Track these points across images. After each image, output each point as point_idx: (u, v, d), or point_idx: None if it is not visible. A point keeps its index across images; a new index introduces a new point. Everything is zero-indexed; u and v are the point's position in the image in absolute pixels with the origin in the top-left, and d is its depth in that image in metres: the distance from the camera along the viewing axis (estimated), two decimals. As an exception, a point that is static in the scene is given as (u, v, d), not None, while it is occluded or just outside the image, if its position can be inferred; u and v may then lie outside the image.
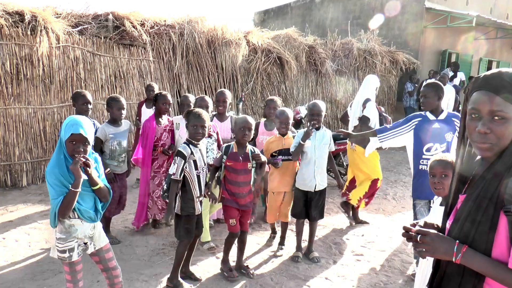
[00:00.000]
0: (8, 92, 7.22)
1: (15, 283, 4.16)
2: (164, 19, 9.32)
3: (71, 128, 2.76)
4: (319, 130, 4.76)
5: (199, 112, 3.97)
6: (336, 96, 12.53)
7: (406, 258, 5.07)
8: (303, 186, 4.78)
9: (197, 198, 4.04)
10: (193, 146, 3.98)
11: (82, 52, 8.02)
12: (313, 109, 4.70)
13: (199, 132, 3.93)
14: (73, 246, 2.96)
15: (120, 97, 5.10)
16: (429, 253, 1.65)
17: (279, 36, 11.36)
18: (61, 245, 2.93)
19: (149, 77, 8.97)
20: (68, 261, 2.96)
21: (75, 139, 2.77)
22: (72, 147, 2.79)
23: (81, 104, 4.93)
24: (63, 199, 2.77)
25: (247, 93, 10.34)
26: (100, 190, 2.98)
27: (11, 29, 7.11)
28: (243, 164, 4.21)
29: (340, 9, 16.82)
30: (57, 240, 2.94)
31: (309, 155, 4.71)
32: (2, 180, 7.25)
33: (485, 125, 1.53)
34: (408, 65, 13.78)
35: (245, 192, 4.28)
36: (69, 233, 2.94)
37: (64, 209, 2.79)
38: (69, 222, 2.93)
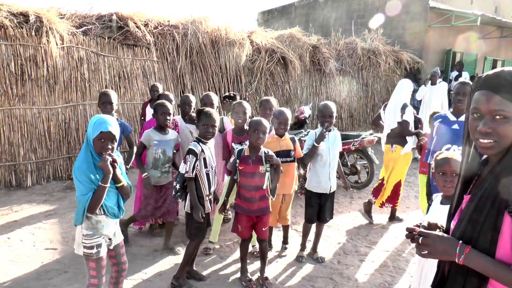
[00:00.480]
0: (13, 92, 7.25)
1: (20, 283, 4.17)
2: (168, 20, 9.33)
3: (100, 126, 2.87)
4: (331, 131, 4.73)
5: (210, 111, 4.02)
6: (340, 96, 12.51)
7: (410, 258, 5.05)
8: (318, 189, 4.72)
9: (206, 196, 4.05)
10: (203, 144, 4.03)
11: (86, 53, 8.04)
12: (325, 110, 4.63)
13: (209, 131, 4.00)
14: (101, 242, 3.05)
15: (166, 102, 4.84)
16: (431, 254, 1.64)
17: (283, 36, 11.35)
18: (88, 241, 3.00)
19: (153, 77, 8.98)
20: (95, 257, 3.03)
21: (103, 137, 2.87)
22: (101, 145, 2.89)
23: (101, 104, 4.86)
24: (93, 195, 2.86)
25: (251, 93, 10.34)
26: (123, 187, 3.08)
27: (15, 30, 7.15)
28: (253, 167, 4.05)
29: (344, 9, 16.80)
30: (84, 236, 3.00)
31: (324, 157, 4.66)
32: (7, 180, 7.27)
33: (486, 125, 1.53)
34: (412, 64, 13.75)
35: (257, 196, 4.07)
36: (96, 229, 3.02)
37: (94, 204, 2.88)
38: (96, 218, 3.01)
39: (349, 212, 6.61)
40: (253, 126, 4.04)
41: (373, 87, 13.31)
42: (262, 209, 4.14)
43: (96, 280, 3.12)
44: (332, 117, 4.63)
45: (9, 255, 4.78)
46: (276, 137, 4.68)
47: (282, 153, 4.58)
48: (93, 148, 2.91)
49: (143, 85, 8.85)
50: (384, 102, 13.67)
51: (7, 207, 6.33)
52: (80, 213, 2.91)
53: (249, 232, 4.27)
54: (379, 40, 13.46)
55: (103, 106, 4.83)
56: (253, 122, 4.09)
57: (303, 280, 4.44)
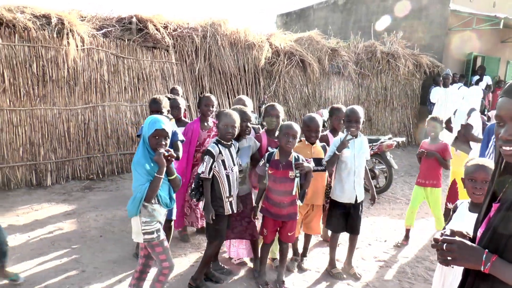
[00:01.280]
0: (35, 93, 7.37)
1: (38, 281, 4.23)
2: (187, 22, 9.37)
3: (155, 125, 3.22)
4: (357, 137, 4.45)
5: (229, 112, 4.00)
6: (358, 99, 12.42)
7: (429, 265, 4.97)
8: (343, 198, 4.46)
9: (226, 198, 4.00)
10: (222, 145, 3.97)
11: (106, 55, 8.12)
12: (351, 115, 4.42)
13: (229, 132, 3.93)
14: (158, 227, 3.35)
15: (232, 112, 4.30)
16: (455, 261, 1.61)
17: (302, 39, 11.31)
18: (148, 227, 3.28)
19: (172, 79, 9.03)
20: (157, 240, 3.30)
21: (158, 134, 3.22)
22: (155, 141, 3.22)
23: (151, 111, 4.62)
24: (150, 185, 3.19)
25: (269, 96, 10.32)
26: (175, 180, 3.42)
27: (38, 32, 7.26)
28: (283, 172, 4.00)
29: (363, 11, 16.68)
30: (143, 224, 3.28)
31: (349, 165, 4.42)
32: (28, 179, 7.39)
33: (507, 132, 1.51)
34: (432, 68, 13.58)
35: (286, 202, 4.02)
36: (153, 216, 3.31)
37: (151, 193, 3.20)
38: (152, 207, 3.29)
39: (367, 217, 6.54)
40: (283, 130, 4.01)
41: (392, 90, 13.17)
42: (291, 214, 4.10)
43: (167, 263, 3.37)
44: (359, 122, 4.41)
45: (29, 254, 4.85)
46: (307, 144, 4.52)
47: (312, 161, 4.38)
48: (149, 145, 3.26)
49: (162, 87, 8.89)
50: (402, 106, 13.72)
51: (28, 206, 6.43)
52: (136, 203, 3.21)
53: (274, 237, 4.25)
54: (399, 44, 13.33)
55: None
56: (283, 125, 4.07)
57: (320, 285, 4.41)
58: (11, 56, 7.09)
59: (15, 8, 7.27)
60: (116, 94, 8.32)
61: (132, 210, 3.26)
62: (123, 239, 5.39)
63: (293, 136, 3.97)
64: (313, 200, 4.56)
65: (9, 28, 7.07)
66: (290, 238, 4.25)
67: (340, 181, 4.46)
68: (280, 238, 4.28)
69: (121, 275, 4.42)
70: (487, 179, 2.70)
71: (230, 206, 4.06)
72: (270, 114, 4.61)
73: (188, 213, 5.14)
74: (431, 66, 13.50)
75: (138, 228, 3.30)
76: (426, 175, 5.37)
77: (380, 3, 16.00)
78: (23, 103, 7.30)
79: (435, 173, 5.33)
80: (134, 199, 3.22)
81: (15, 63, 7.14)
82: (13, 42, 7.10)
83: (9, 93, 7.15)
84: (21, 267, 4.52)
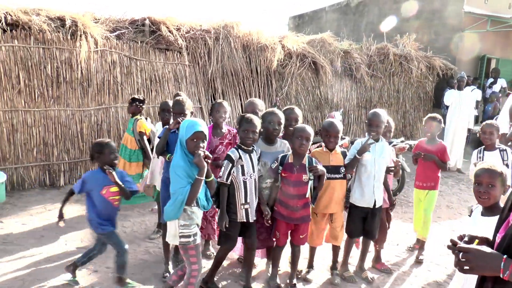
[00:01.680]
0: (49, 94, 7.47)
1: (52, 280, 4.28)
2: (200, 24, 9.39)
3: (193, 128, 3.27)
4: (379, 141, 4.37)
5: (250, 117, 3.93)
6: (370, 101, 12.35)
7: (443, 270, 4.93)
8: (361, 202, 4.36)
9: (241, 205, 3.92)
10: (243, 151, 3.92)
11: (119, 56, 8.18)
12: (373, 119, 4.31)
13: (250, 137, 3.87)
14: (196, 231, 3.40)
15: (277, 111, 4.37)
16: (472, 270, 1.58)
17: (314, 41, 11.27)
18: (186, 231, 3.34)
19: (184, 81, 9.05)
20: (193, 244, 3.36)
21: (196, 137, 3.26)
22: (194, 144, 3.26)
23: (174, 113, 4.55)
24: (191, 187, 3.24)
25: (281, 98, 10.31)
26: (212, 182, 3.47)
27: (52, 34, 7.34)
28: (297, 176, 3.97)
29: (376, 13, 16.59)
30: (181, 227, 3.32)
31: (369, 168, 4.31)
32: (41, 179, 7.49)
33: None
34: (445, 70, 13.47)
35: (299, 205, 4.00)
36: (192, 219, 3.36)
37: (192, 196, 3.25)
38: (191, 209, 3.35)
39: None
40: (297, 133, 4.00)
41: (404, 93, 13.09)
42: (304, 217, 4.09)
43: (196, 266, 3.43)
44: (380, 126, 4.29)
45: (42, 253, 4.91)
46: (325, 151, 4.34)
47: (331, 169, 4.24)
48: (186, 148, 3.30)
49: (174, 88, 8.92)
50: (415, 109, 13.61)
51: (41, 206, 6.51)
52: (177, 206, 3.26)
53: (286, 239, 4.21)
54: (412, 46, 13.23)
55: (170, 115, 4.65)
56: (297, 128, 4.06)
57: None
58: (26, 58, 7.20)
59: (31, 10, 7.39)
60: (129, 95, 8.33)
61: (172, 213, 3.31)
62: (134, 240, 5.43)
63: (306, 139, 3.94)
64: (331, 209, 4.37)
65: (24, 30, 7.16)
66: (302, 240, 4.23)
67: (360, 185, 4.37)
68: (292, 240, 4.25)
69: (132, 275, 4.44)
70: (492, 183, 2.68)
71: (246, 214, 3.95)
72: (290, 118, 4.49)
73: (204, 225, 4.72)
74: (444, 69, 13.39)
75: (175, 231, 3.34)
76: (424, 178, 5.16)
77: (392, 5, 15.91)
78: (37, 104, 7.39)
79: (433, 175, 5.13)
80: (175, 202, 3.27)
81: (30, 64, 7.24)
82: (29, 44, 7.20)
83: (24, 94, 7.25)
84: (34, 265, 4.57)
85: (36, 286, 4.20)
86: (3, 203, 6.56)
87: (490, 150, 4.96)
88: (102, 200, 3.91)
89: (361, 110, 12.15)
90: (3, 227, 5.70)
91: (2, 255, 4.83)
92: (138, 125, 5.99)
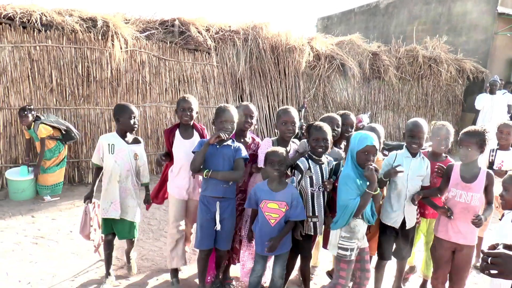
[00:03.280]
0: (79, 93, 7.61)
1: (80, 274, 4.38)
2: (229, 25, 9.42)
3: (365, 141, 3.30)
4: (415, 157, 3.80)
5: (320, 125, 3.72)
6: (398, 104, 12.21)
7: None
8: (388, 221, 3.87)
9: (309, 218, 3.71)
10: (313, 161, 3.71)
11: (148, 56, 8.28)
12: (414, 129, 3.76)
13: (321, 145, 3.65)
14: (354, 246, 3.38)
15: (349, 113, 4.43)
16: (502, 275, 1.55)
17: (343, 42, 11.19)
18: (345, 243, 3.35)
19: (212, 81, 9.10)
20: (348, 259, 3.37)
21: (368, 150, 3.28)
22: (364, 157, 3.29)
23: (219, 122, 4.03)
24: (361, 199, 3.26)
25: (309, 100, 10.27)
26: (377, 196, 3.38)
27: (84, 34, 7.48)
28: None
29: (405, 15, 16.39)
30: (341, 238, 3.36)
31: (399, 186, 3.78)
32: (71, 176, 7.67)
33: None
34: (475, 74, 13.20)
35: None
36: (353, 232, 3.36)
37: (361, 208, 3.27)
38: (355, 222, 3.35)
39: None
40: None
41: (433, 96, 12.89)
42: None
43: (344, 280, 3.42)
44: (422, 138, 3.75)
45: (71, 248, 5.05)
46: None
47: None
48: (356, 160, 3.33)
49: (202, 89, 8.99)
50: (443, 113, 13.36)
51: (70, 202, 6.67)
52: (346, 217, 3.29)
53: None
54: (441, 48, 13.01)
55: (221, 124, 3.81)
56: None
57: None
58: (59, 57, 7.37)
59: (64, 11, 7.55)
60: (157, 95, 8.46)
61: (340, 222, 3.35)
62: (160, 238, 5.50)
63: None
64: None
65: (58, 30, 7.32)
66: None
67: (389, 202, 3.88)
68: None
69: (157, 272, 4.52)
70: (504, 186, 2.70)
71: (315, 227, 3.75)
72: (346, 123, 4.28)
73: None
74: (475, 72, 13.12)
75: (335, 241, 3.40)
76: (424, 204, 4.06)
77: (422, 6, 15.69)
78: (68, 102, 7.55)
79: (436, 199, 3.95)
80: (344, 211, 3.30)
81: (62, 64, 7.41)
82: (61, 44, 7.36)
83: (55, 93, 7.43)
84: (64, 259, 4.66)
85: (65, 280, 4.30)
86: (34, 198, 6.74)
87: (504, 149, 4.87)
88: None
89: (388, 113, 12.02)
90: (34, 221, 5.84)
91: (34, 249, 4.96)
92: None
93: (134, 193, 4.12)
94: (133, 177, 4.11)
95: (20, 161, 7.19)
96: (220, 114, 3.79)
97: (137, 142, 4.18)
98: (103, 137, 4.10)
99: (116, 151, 4.00)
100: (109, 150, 3.99)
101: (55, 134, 6.79)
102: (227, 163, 3.73)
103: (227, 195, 3.78)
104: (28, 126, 6.64)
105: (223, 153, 3.73)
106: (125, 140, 4.08)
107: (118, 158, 4.00)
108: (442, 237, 3.67)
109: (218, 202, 3.74)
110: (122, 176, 4.03)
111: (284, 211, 3.55)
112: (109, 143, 4.00)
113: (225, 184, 3.74)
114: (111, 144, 4.00)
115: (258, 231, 3.64)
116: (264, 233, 3.59)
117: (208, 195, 3.76)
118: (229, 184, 3.76)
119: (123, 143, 4.04)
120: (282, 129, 3.93)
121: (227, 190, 3.77)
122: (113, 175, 4.01)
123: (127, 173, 4.05)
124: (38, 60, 7.26)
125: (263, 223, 3.59)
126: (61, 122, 6.95)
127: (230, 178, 3.73)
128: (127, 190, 4.08)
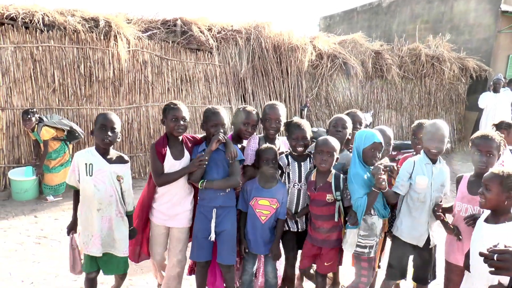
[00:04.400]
0: (81, 93, 7.62)
1: (82, 274, 4.34)
2: (231, 25, 9.41)
3: (372, 138, 3.36)
4: (436, 164, 3.43)
5: (298, 122, 3.64)
6: (401, 103, 12.17)
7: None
8: (409, 238, 3.45)
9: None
10: (292, 158, 3.67)
11: (150, 56, 8.28)
12: (436, 132, 3.37)
13: (301, 144, 3.59)
14: (373, 244, 3.40)
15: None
16: (508, 271, 1.54)
17: (345, 41, 11.16)
18: (364, 241, 3.37)
19: (215, 81, 9.10)
20: (367, 256, 3.38)
21: (374, 147, 3.35)
22: (372, 154, 3.35)
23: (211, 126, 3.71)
24: (368, 197, 3.28)
25: (311, 99, 10.25)
26: (387, 192, 3.37)
27: (86, 34, 7.49)
28: (319, 195, 3.47)
29: (408, 14, 16.34)
30: (361, 237, 3.37)
31: (423, 198, 3.38)
32: (75, 176, 7.63)
33: None
34: (478, 72, 13.15)
35: (325, 227, 3.49)
36: (372, 230, 3.38)
37: (369, 205, 3.29)
38: (371, 220, 3.39)
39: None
40: (317, 146, 3.48)
41: (436, 95, 12.84)
42: (328, 241, 3.53)
43: (366, 279, 3.41)
44: (444, 142, 3.36)
45: (74, 249, 5.00)
46: None
47: None
48: (362, 158, 3.37)
49: (205, 88, 8.98)
50: (446, 111, 13.30)
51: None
52: (359, 214, 3.31)
53: (309, 264, 3.77)
54: (444, 46, 12.96)
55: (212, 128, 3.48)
56: (319, 141, 3.48)
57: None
58: (61, 57, 7.39)
59: (66, 11, 7.56)
60: (160, 95, 8.46)
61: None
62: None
63: (328, 154, 3.41)
64: None
65: (60, 30, 7.34)
66: (326, 268, 3.67)
67: (409, 216, 3.45)
68: (317, 268, 3.73)
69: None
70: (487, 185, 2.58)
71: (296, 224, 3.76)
72: (354, 121, 4.08)
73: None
74: (478, 70, 13.07)
75: (354, 240, 3.39)
76: None
77: (425, 5, 15.64)
78: (70, 102, 7.56)
79: None
80: (356, 210, 3.33)
81: (65, 64, 7.43)
82: (64, 44, 7.37)
83: (58, 93, 7.44)
84: (66, 262, 4.65)
85: (69, 279, 4.31)
86: (37, 199, 6.75)
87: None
88: None
89: (391, 112, 11.99)
90: (37, 221, 5.85)
91: (37, 249, 4.97)
92: None
93: (121, 223, 3.42)
94: (118, 203, 3.36)
95: (23, 161, 7.21)
96: (211, 117, 3.47)
97: (122, 162, 3.40)
98: (79, 154, 3.34)
99: (95, 173, 3.25)
100: (87, 171, 3.25)
101: (59, 135, 6.80)
102: (221, 169, 3.45)
103: (226, 204, 3.50)
104: (32, 129, 6.66)
105: (214, 159, 3.42)
106: (106, 158, 3.31)
107: (97, 181, 3.26)
108: (450, 260, 3.27)
109: (214, 209, 3.45)
110: (103, 203, 3.29)
111: (275, 208, 3.55)
112: (86, 163, 3.25)
113: (223, 192, 3.46)
114: (89, 163, 3.25)
115: (249, 229, 3.62)
116: (255, 230, 3.58)
117: (206, 204, 3.49)
118: (226, 192, 3.49)
119: (103, 162, 3.28)
120: (266, 125, 3.77)
121: (226, 198, 3.49)
122: (93, 202, 3.28)
123: (110, 200, 3.31)
124: (41, 60, 7.27)
125: (254, 221, 3.58)
126: (65, 122, 6.96)
127: (226, 186, 3.45)
128: (111, 221, 3.35)
